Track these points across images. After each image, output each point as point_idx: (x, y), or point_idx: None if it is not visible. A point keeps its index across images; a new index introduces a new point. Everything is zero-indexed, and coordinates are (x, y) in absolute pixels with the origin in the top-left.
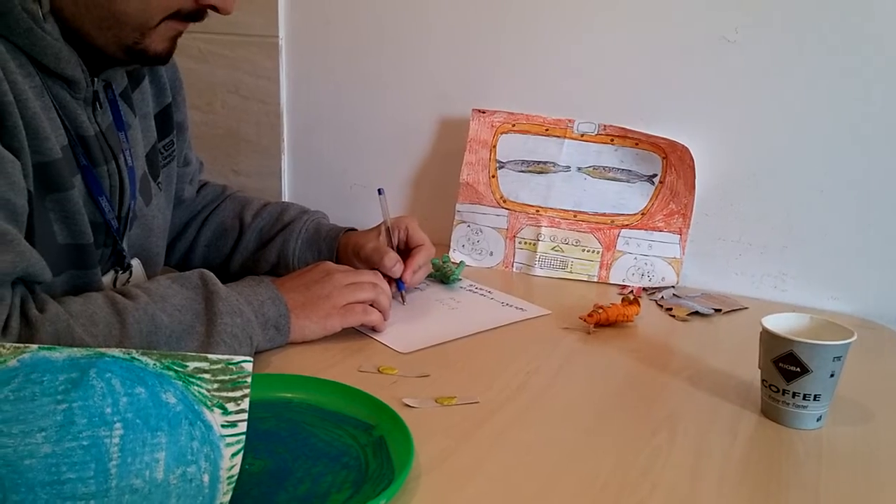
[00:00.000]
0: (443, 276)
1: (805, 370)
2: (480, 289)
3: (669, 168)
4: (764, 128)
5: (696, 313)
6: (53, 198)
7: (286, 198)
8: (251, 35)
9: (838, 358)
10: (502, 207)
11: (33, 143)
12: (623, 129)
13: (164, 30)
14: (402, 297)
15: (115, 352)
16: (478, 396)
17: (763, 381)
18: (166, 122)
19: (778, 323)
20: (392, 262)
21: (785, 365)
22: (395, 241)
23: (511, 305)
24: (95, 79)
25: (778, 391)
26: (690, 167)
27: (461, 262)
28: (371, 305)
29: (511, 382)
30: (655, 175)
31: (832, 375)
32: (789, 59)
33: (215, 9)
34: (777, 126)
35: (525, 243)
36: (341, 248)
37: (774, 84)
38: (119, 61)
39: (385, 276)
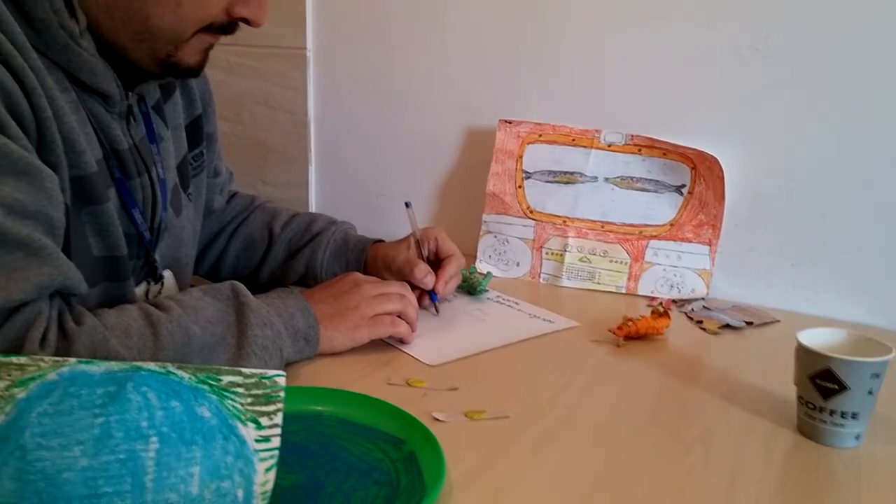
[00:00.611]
0: (470, 287)
1: (843, 387)
2: (507, 300)
3: (698, 178)
4: (795, 138)
5: (728, 326)
6: (89, 210)
7: (313, 208)
8: (280, 47)
9: (877, 375)
10: (529, 218)
11: (70, 157)
12: (651, 139)
13: (196, 42)
14: (436, 308)
15: (152, 366)
16: (508, 411)
17: (799, 397)
18: (196, 133)
19: (814, 338)
20: (423, 273)
21: (822, 382)
22: (424, 253)
23: (539, 317)
24: (129, 93)
25: (815, 408)
26: (720, 177)
27: (488, 272)
28: (398, 317)
29: (541, 397)
30: (684, 185)
31: (870, 393)
32: (820, 68)
33: (247, 21)
34: (808, 136)
35: (552, 254)
36: (370, 259)
37: (805, 94)
38: (153, 75)
39: (416, 287)
